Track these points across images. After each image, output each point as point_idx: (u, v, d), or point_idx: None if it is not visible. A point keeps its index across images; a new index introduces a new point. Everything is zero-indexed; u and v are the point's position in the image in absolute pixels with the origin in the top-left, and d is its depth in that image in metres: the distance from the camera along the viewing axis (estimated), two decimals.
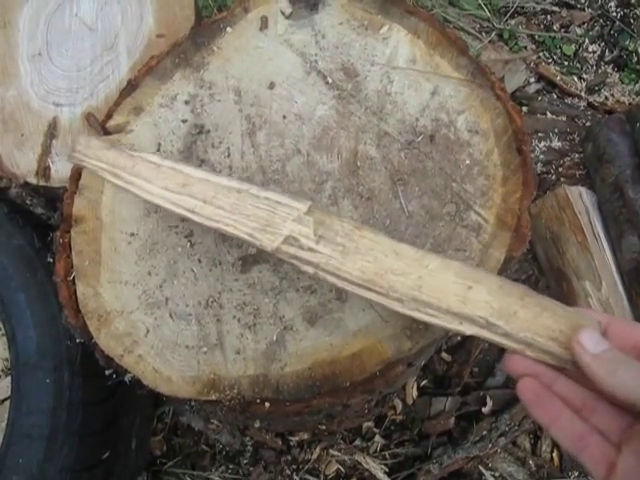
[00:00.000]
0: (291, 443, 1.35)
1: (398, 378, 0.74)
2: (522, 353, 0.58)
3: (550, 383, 0.57)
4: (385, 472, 1.31)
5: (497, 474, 1.31)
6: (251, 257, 0.79)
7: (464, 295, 0.61)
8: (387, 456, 1.35)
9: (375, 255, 0.64)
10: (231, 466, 1.38)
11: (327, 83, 0.89)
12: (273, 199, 0.68)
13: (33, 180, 1.03)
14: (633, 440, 0.51)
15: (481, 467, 1.31)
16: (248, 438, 1.36)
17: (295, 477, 1.31)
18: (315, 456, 1.33)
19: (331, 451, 1.33)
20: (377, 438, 1.36)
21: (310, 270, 0.65)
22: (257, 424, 0.82)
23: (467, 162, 0.83)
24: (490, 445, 1.30)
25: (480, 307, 0.60)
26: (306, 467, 1.33)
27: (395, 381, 0.76)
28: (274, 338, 0.75)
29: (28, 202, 1.18)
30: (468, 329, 0.60)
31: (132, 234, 0.83)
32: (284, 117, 0.88)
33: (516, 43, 1.90)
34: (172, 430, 1.43)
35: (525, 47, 1.91)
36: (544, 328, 0.57)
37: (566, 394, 0.56)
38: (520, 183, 0.81)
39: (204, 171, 0.73)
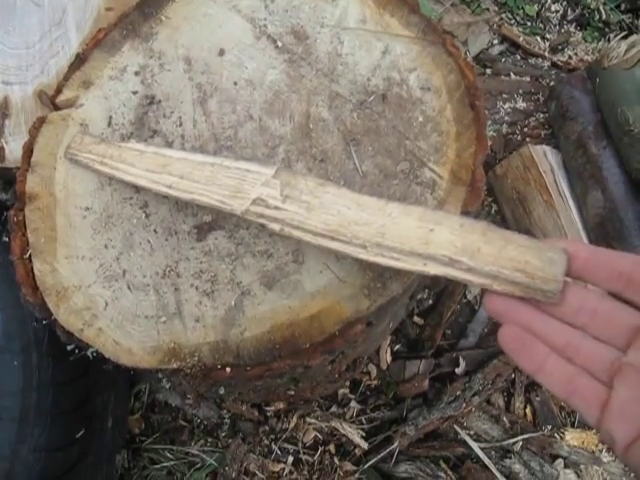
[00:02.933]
0: (268, 413, 1.36)
1: (358, 337, 0.74)
2: (489, 288, 0.58)
3: (529, 322, 0.55)
4: (362, 437, 1.32)
5: (472, 432, 1.33)
6: (206, 225, 0.79)
7: (427, 237, 0.61)
8: (363, 421, 1.37)
9: (338, 209, 0.66)
10: (210, 439, 1.38)
11: (277, 47, 0.88)
12: (243, 168, 0.72)
13: None
14: (623, 372, 0.50)
15: (456, 426, 1.32)
16: (225, 411, 1.36)
17: (274, 447, 1.32)
18: (292, 425, 1.34)
19: (308, 419, 1.34)
20: (353, 404, 1.37)
21: (277, 227, 0.68)
22: (222, 391, 0.83)
23: (420, 119, 0.83)
24: (464, 404, 1.32)
25: (443, 247, 0.60)
26: (284, 436, 1.34)
27: (355, 340, 0.76)
28: (232, 304, 0.75)
29: None
30: (432, 269, 0.60)
31: (87, 208, 0.82)
32: (235, 83, 0.87)
33: (478, 5, 1.89)
34: (150, 408, 1.44)
35: (487, 9, 1.90)
36: (509, 260, 0.57)
37: (547, 333, 0.54)
38: (474, 138, 0.81)
39: (183, 152, 0.77)
